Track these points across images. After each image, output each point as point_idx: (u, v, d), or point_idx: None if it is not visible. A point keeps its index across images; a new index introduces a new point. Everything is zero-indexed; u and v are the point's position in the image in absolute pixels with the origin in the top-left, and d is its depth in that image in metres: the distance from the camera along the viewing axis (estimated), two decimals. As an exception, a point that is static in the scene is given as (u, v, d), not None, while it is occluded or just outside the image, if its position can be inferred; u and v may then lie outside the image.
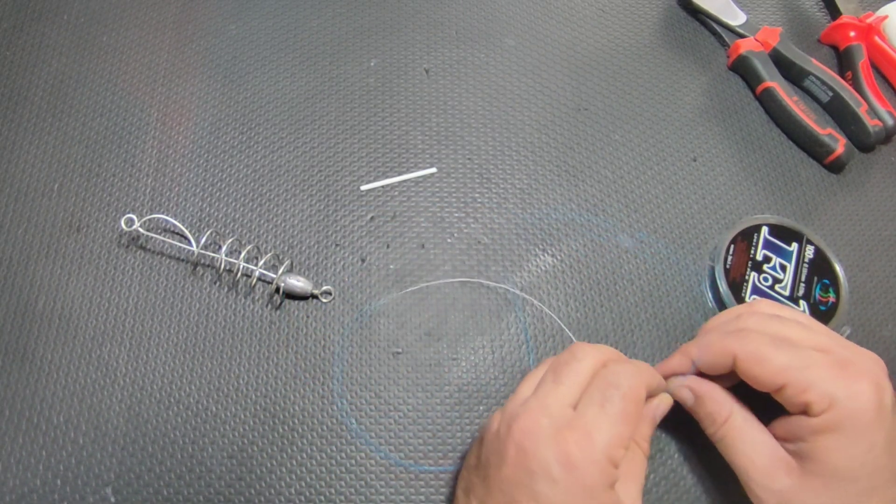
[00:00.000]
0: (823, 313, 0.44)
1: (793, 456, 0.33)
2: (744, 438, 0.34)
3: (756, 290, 0.44)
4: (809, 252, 0.45)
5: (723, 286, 0.44)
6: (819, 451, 0.32)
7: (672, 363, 0.38)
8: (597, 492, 0.31)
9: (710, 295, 0.45)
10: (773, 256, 0.45)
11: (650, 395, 0.37)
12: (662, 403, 0.37)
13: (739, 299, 0.43)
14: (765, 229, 0.46)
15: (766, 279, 0.44)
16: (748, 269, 0.44)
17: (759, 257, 0.45)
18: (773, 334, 0.34)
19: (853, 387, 0.32)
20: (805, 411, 0.32)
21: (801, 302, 0.44)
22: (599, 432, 0.32)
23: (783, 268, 0.45)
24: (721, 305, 0.44)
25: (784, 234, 0.46)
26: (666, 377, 0.38)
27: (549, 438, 0.32)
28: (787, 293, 0.44)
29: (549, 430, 0.32)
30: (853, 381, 0.32)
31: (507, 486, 0.32)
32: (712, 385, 0.36)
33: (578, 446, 0.31)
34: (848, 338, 0.43)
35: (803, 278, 0.44)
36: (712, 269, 0.45)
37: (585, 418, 0.32)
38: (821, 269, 0.45)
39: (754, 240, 0.46)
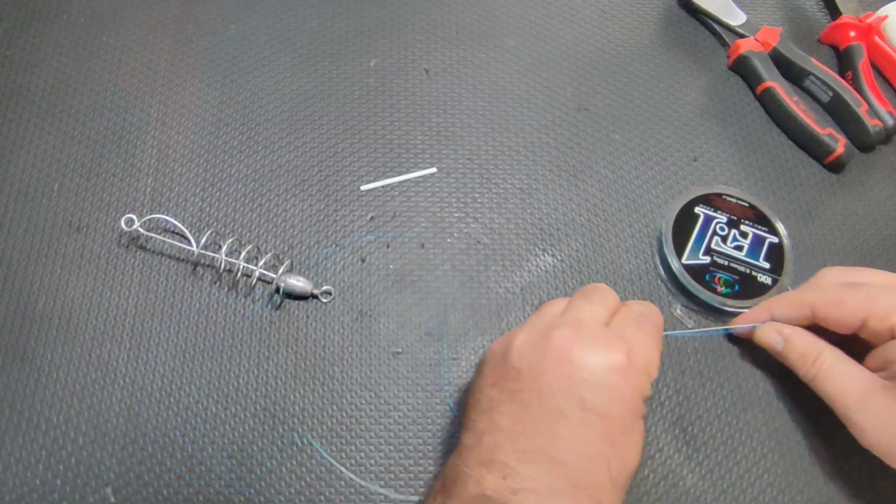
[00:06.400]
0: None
1: (889, 380, 0.34)
2: (837, 372, 0.36)
3: (700, 233, 0.45)
4: (773, 242, 0.46)
5: (671, 212, 0.46)
6: None
7: (752, 315, 0.41)
8: (637, 401, 0.33)
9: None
10: (739, 229, 0.46)
11: None
12: None
13: (684, 232, 0.45)
14: (750, 211, 0.47)
15: (715, 237, 0.45)
16: (708, 223, 0.46)
17: (724, 220, 0.46)
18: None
19: None
20: (892, 335, 0.33)
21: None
22: (640, 347, 0.34)
23: (741, 236, 0.46)
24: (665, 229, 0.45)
25: (763, 223, 0.46)
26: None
27: (596, 348, 0.32)
28: (726, 250, 0.45)
29: (594, 341, 0.33)
30: None
31: (547, 395, 0.32)
32: (798, 328, 0.38)
33: (626, 355, 0.32)
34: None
35: (746, 252, 0.45)
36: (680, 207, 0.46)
37: (626, 334, 0.34)
38: (773, 258, 0.45)
39: (734, 210, 0.46)
